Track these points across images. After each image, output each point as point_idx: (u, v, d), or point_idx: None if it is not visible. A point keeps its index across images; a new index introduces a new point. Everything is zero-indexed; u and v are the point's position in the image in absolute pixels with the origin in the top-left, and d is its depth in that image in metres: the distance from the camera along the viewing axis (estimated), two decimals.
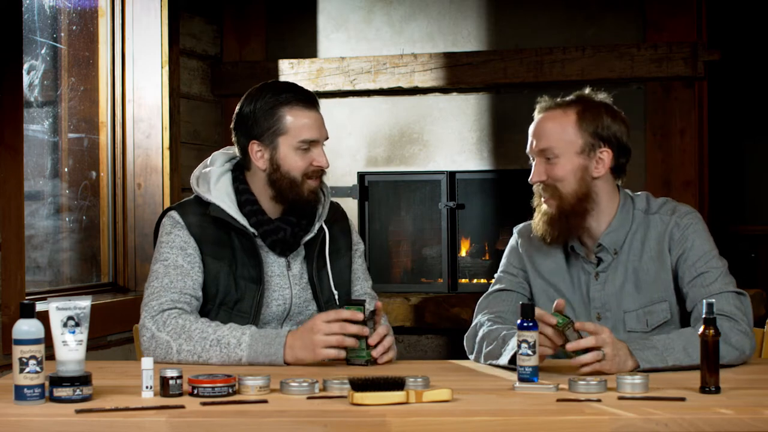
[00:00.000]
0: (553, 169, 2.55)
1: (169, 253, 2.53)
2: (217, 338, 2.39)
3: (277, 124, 2.54)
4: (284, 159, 2.54)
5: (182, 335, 2.41)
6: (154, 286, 2.50)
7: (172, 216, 2.58)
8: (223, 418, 1.85)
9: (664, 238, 2.55)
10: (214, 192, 2.57)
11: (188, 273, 2.51)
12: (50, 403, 1.94)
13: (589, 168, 2.55)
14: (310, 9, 4.85)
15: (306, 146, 2.54)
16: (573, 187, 2.54)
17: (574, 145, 2.55)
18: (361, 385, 1.91)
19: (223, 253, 2.54)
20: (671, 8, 4.45)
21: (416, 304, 4.50)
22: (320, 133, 2.56)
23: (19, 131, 3.40)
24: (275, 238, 2.57)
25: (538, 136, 2.59)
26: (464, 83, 4.61)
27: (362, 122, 4.79)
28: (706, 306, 2.06)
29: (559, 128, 2.56)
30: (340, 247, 2.69)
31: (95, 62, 4.22)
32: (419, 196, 4.75)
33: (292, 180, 2.54)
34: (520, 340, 2.11)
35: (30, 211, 3.74)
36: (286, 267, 2.60)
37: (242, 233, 2.55)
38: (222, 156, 2.66)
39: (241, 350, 2.37)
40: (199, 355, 2.40)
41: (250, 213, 2.56)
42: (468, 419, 1.83)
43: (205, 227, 2.55)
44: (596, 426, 1.81)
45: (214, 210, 2.55)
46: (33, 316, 1.95)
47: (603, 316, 2.58)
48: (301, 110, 2.55)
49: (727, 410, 1.86)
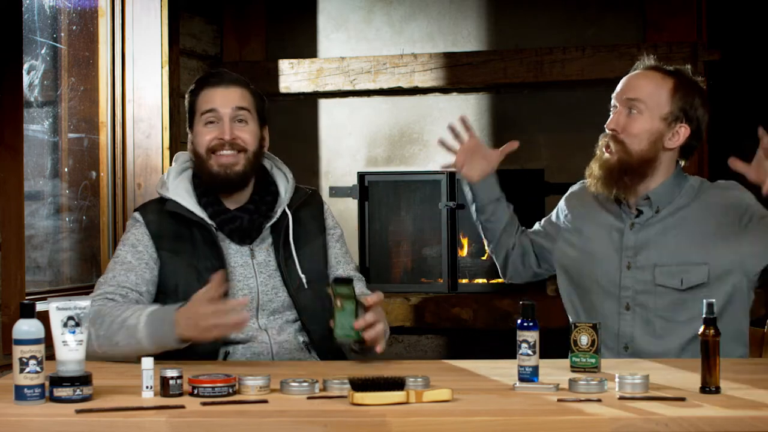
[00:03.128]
0: (632, 122, 2.63)
1: (121, 250, 2.59)
2: (123, 319, 2.39)
3: (192, 106, 2.63)
4: (195, 137, 2.62)
5: (97, 321, 2.42)
6: (99, 281, 2.57)
7: (133, 216, 2.66)
8: (223, 418, 1.85)
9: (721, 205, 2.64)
10: (171, 188, 2.62)
11: (133, 269, 2.55)
12: (50, 403, 1.94)
13: (664, 136, 2.64)
14: (310, 9, 4.85)
15: (210, 118, 2.59)
16: (642, 147, 2.62)
17: (661, 109, 2.63)
18: (361, 385, 1.91)
19: (183, 247, 2.58)
20: (671, 8, 4.45)
21: (416, 304, 4.50)
22: (221, 102, 2.59)
23: (19, 131, 3.40)
24: (232, 226, 2.59)
25: (631, 86, 2.66)
26: (464, 83, 4.60)
27: (362, 122, 4.79)
28: (706, 306, 2.06)
29: (654, 88, 2.64)
30: (310, 231, 2.69)
31: (95, 62, 4.22)
32: (419, 196, 4.75)
33: (200, 157, 2.60)
34: (520, 340, 2.11)
35: (30, 211, 3.74)
36: (250, 256, 2.62)
37: (201, 226, 2.58)
38: (184, 154, 2.72)
39: (139, 331, 2.35)
40: (111, 339, 2.39)
41: (206, 204, 2.60)
42: (468, 419, 1.83)
43: (163, 223, 2.60)
44: (596, 426, 1.81)
45: (170, 205, 2.60)
46: (33, 316, 1.95)
47: (633, 265, 2.64)
48: (208, 89, 2.62)
49: (727, 410, 1.86)
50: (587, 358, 2.24)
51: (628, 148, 2.62)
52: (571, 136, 4.46)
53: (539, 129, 4.63)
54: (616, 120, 2.64)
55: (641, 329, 2.64)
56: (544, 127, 4.63)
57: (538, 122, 4.64)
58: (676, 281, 2.60)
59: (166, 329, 2.33)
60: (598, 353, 2.24)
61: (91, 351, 2.37)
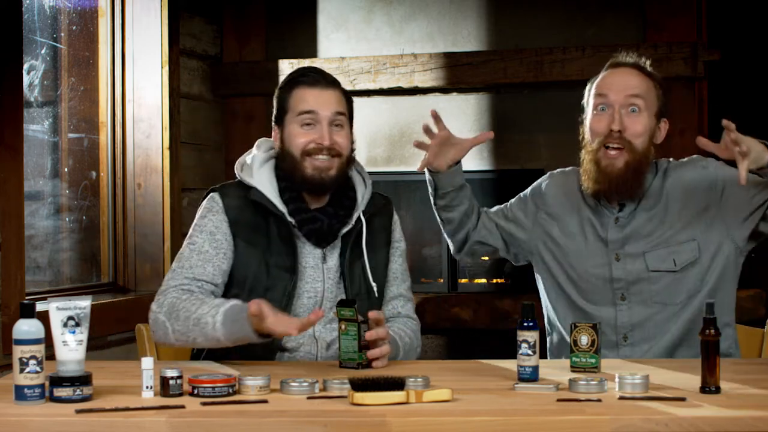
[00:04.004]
0: (636, 121, 2.62)
1: (198, 237, 2.53)
2: (197, 318, 2.38)
3: (284, 102, 2.58)
4: (288, 136, 2.56)
5: (173, 315, 2.41)
6: (174, 268, 2.52)
7: (212, 198, 2.58)
8: (223, 418, 1.85)
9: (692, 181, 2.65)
10: (257, 177, 2.57)
11: (211, 259, 2.51)
12: (50, 403, 1.94)
13: (656, 133, 2.68)
14: (310, 9, 4.85)
15: (308, 119, 2.53)
16: (644, 146, 2.64)
17: (655, 106, 2.66)
18: (361, 385, 1.91)
19: (258, 239, 2.53)
20: (671, 8, 4.45)
21: (416, 304, 4.50)
22: (319, 105, 2.54)
23: (19, 131, 3.40)
24: (312, 227, 2.53)
25: (627, 84, 2.64)
26: (464, 83, 4.60)
27: (362, 122, 4.77)
28: (706, 306, 2.06)
29: (646, 86, 2.66)
30: (377, 242, 2.63)
31: (95, 62, 4.22)
32: (419, 196, 4.75)
33: (293, 157, 2.54)
34: (520, 340, 2.11)
35: (30, 211, 3.74)
36: (321, 259, 2.57)
37: (280, 220, 2.53)
38: (267, 142, 2.67)
39: (216, 330, 2.35)
40: (187, 335, 2.39)
41: (289, 200, 2.54)
42: (468, 419, 1.83)
43: (243, 211, 2.54)
44: (596, 426, 1.81)
45: (254, 194, 2.54)
46: (33, 316, 1.95)
47: (621, 256, 2.63)
48: (305, 88, 2.57)
49: (727, 410, 1.86)
50: (587, 358, 2.24)
51: (634, 147, 2.61)
52: (571, 136, 4.42)
53: (539, 129, 4.63)
54: (619, 120, 2.61)
55: (640, 318, 2.63)
56: (544, 127, 4.63)
57: (538, 122, 4.64)
58: (669, 263, 2.61)
59: (243, 326, 2.31)
60: (598, 353, 2.24)
61: (167, 341, 2.42)
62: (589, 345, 2.24)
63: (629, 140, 2.61)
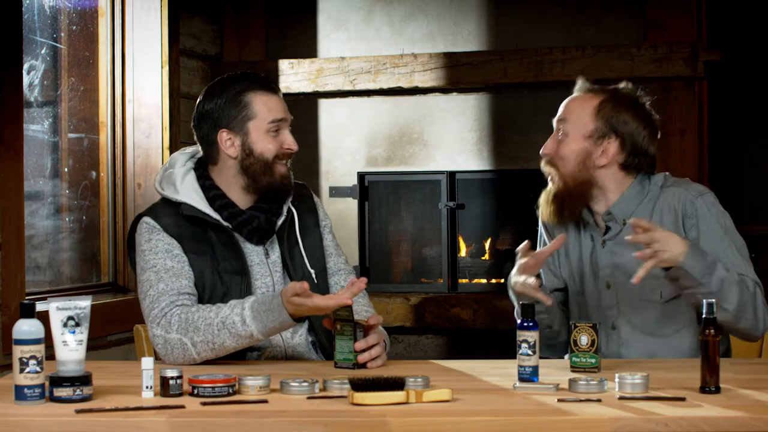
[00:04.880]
0: (560, 145, 2.63)
1: (156, 259, 2.51)
2: (222, 321, 2.38)
3: (245, 110, 2.56)
4: (256, 143, 2.56)
5: (189, 328, 2.40)
6: (151, 295, 2.48)
7: (146, 222, 2.56)
8: (223, 418, 1.85)
9: (678, 210, 2.57)
10: (182, 191, 2.57)
11: (180, 273, 2.50)
12: (50, 403, 1.94)
13: (592, 155, 2.60)
14: (310, 9, 4.85)
15: (275, 127, 2.56)
16: (572, 169, 2.60)
17: (585, 128, 2.61)
18: (361, 385, 1.91)
19: (203, 248, 2.54)
20: (671, 8, 4.44)
21: (416, 304, 4.50)
22: (286, 113, 2.60)
23: (19, 131, 3.40)
24: (250, 227, 2.57)
25: (561, 109, 2.68)
26: (464, 83, 4.60)
27: (362, 122, 4.79)
28: (706, 306, 2.06)
29: (579, 108, 2.64)
30: (308, 225, 2.69)
31: (95, 62, 4.22)
32: (419, 196, 4.75)
33: (265, 163, 2.55)
34: (520, 340, 2.11)
35: (30, 211, 3.74)
36: (265, 255, 2.60)
37: (217, 228, 2.55)
38: (182, 156, 2.66)
39: (248, 326, 2.36)
40: (213, 342, 2.38)
41: (220, 207, 2.56)
42: (468, 419, 1.83)
43: (181, 226, 2.55)
44: (596, 426, 1.81)
45: (186, 209, 2.55)
46: (33, 316, 1.95)
47: (612, 283, 2.61)
48: (265, 94, 2.58)
49: (727, 410, 1.86)
50: (587, 358, 2.25)
51: (561, 171, 2.61)
52: None
53: (539, 129, 4.61)
54: (548, 145, 2.65)
55: (629, 348, 2.61)
56: (544, 127, 4.59)
57: (538, 122, 4.62)
58: (656, 295, 2.56)
59: (280, 314, 2.33)
60: (598, 353, 2.24)
61: (189, 357, 2.41)
62: (589, 345, 2.25)
63: (556, 164, 2.62)
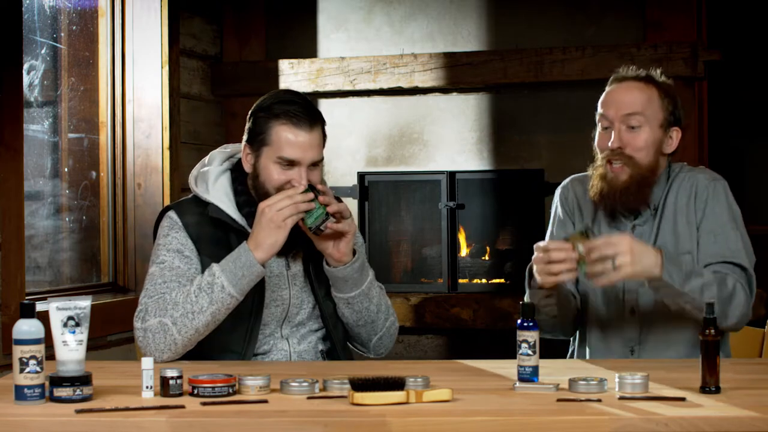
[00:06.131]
0: (636, 137, 2.62)
1: (166, 256, 2.51)
2: (198, 287, 2.40)
3: (265, 133, 2.48)
4: (263, 169, 2.49)
5: (168, 307, 2.41)
6: (149, 289, 2.49)
7: (170, 217, 2.56)
8: (223, 418, 1.85)
9: (692, 191, 2.65)
10: (213, 192, 2.54)
11: (184, 274, 2.49)
12: (50, 403, 1.94)
13: (663, 143, 2.66)
14: (310, 9, 4.85)
15: (285, 164, 2.47)
16: (649, 159, 2.63)
17: (658, 118, 2.64)
18: (361, 385, 1.91)
19: (222, 253, 2.50)
20: (671, 8, 4.45)
21: (416, 304, 4.50)
22: (303, 154, 2.46)
23: (19, 131, 3.40)
24: None
25: (624, 103, 2.64)
26: (464, 83, 4.61)
27: (362, 122, 4.79)
28: (706, 306, 2.06)
29: (647, 98, 2.64)
30: None
31: (95, 62, 4.22)
32: (419, 196, 4.75)
33: (266, 193, 2.48)
34: (520, 340, 2.11)
35: (30, 211, 3.74)
36: (286, 267, 2.59)
37: (241, 233, 2.52)
38: (220, 155, 2.64)
39: (219, 280, 2.37)
40: (192, 312, 2.39)
41: (248, 214, 2.53)
42: (468, 419, 1.83)
43: (203, 227, 2.53)
44: (596, 426, 1.81)
45: (212, 210, 2.53)
46: (33, 316, 1.95)
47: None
48: (290, 128, 2.46)
49: (727, 410, 1.86)
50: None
51: (637, 161, 2.61)
52: (571, 136, 4.46)
53: (539, 129, 4.64)
54: (618, 138, 2.62)
55: (648, 331, 2.63)
56: (544, 127, 4.63)
57: (538, 122, 4.64)
58: None
59: (245, 261, 2.36)
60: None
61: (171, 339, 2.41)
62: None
63: (630, 155, 2.61)
